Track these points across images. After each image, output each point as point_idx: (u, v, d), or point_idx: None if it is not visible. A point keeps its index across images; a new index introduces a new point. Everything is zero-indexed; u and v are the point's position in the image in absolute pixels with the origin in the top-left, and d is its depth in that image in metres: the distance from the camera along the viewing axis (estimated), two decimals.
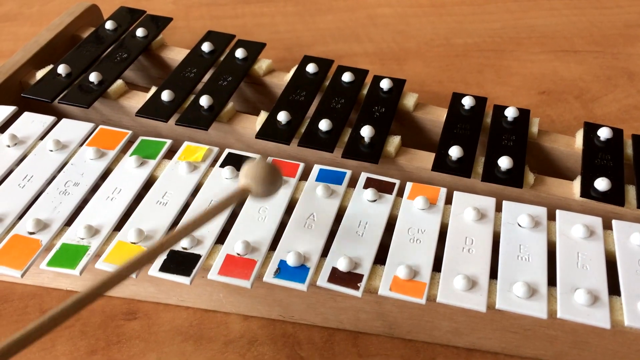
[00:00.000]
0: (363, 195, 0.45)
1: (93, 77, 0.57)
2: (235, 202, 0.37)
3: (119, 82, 0.57)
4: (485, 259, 0.41)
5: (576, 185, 0.48)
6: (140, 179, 0.47)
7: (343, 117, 0.53)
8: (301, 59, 0.61)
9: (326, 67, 0.60)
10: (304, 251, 0.41)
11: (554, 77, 0.71)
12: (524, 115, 0.54)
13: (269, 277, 0.40)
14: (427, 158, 0.50)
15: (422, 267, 0.40)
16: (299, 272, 0.40)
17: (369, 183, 0.47)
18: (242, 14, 0.84)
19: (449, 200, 0.45)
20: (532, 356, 0.43)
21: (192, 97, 0.55)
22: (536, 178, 0.48)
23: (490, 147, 0.51)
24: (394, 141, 0.51)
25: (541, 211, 0.44)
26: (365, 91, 0.57)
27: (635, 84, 0.69)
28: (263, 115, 0.54)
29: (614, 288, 0.39)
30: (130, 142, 0.51)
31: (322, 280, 0.39)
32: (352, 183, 0.47)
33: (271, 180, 0.37)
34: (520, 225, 0.43)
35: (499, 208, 0.45)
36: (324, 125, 0.52)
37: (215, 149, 0.50)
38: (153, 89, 0.56)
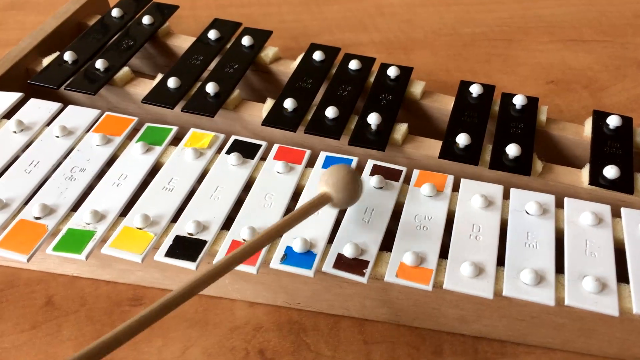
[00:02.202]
0: (369, 183, 0.45)
1: (99, 64, 0.56)
2: (316, 210, 0.39)
3: (125, 69, 0.57)
4: (493, 246, 0.40)
5: (585, 173, 0.47)
6: (146, 165, 0.47)
7: (350, 104, 0.53)
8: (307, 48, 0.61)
9: (333, 55, 0.59)
10: (310, 237, 0.41)
11: (562, 67, 0.70)
12: (532, 103, 0.53)
13: (275, 263, 0.40)
14: (434, 146, 0.50)
15: (428, 254, 0.40)
16: (305, 258, 0.40)
17: (376, 170, 0.46)
18: (249, 3, 0.83)
19: (456, 188, 0.45)
20: (539, 344, 0.43)
21: (198, 85, 0.55)
22: (544, 166, 0.48)
23: (498, 135, 0.50)
24: (401, 129, 0.51)
25: (549, 199, 0.44)
26: (372, 79, 0.57)
27: None
28: (269, 103, 0.54)
29: (622, 276, 0.39)
30: (136, 129, 0.51)
31: (328, 267, 0.39)
32: (359, 170, 0.47)
33: (352, 188, 0.39)
34: (528, 213, 0.43)
35: (506, 196, 0.44)
36: (330, 112, 0.51)
37: (222, 136, 0.50)
38: (159, 76, 0.56)
